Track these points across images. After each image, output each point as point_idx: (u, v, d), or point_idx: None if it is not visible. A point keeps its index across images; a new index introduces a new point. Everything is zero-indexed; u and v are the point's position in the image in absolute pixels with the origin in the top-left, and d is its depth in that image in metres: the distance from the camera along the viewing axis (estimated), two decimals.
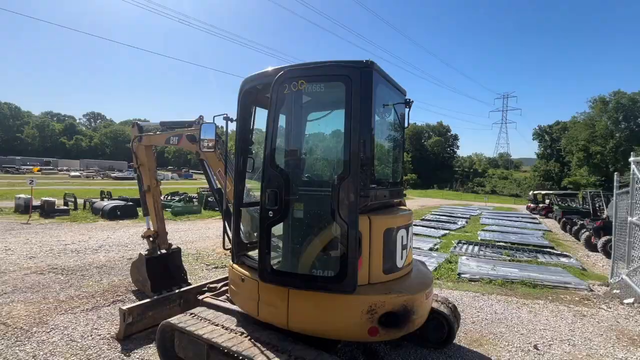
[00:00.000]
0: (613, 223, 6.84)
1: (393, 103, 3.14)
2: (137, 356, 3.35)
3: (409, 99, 3.31)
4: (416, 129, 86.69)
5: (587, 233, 11.72)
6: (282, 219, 2.63)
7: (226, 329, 2.98)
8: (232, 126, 3.35)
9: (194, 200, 17.54)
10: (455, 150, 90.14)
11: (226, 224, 3.50)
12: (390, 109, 3.24)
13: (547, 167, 69.29)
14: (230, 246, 3.33)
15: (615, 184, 6.82)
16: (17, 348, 3.39)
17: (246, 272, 3.00)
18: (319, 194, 2.68)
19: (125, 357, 3.32)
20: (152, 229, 5.20)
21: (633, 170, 5.69)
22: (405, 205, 3.58)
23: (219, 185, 4.22)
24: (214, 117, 3.34)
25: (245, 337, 2.83)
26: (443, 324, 3.63)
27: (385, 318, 2.55)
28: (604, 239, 10.16)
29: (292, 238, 2.73)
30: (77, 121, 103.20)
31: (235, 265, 3.21)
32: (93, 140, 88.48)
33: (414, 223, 13.77)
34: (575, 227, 13.48)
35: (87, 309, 4.42)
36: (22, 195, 13.48)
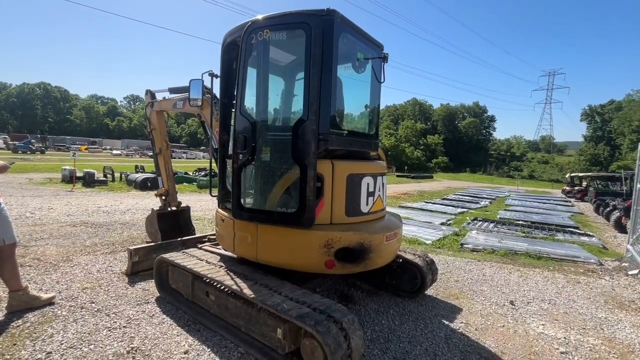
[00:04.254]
0: (633, 195, 6.42)
1: (365, 55, 3.20)
2: (140, 287, 3.85)
3: (385, 53, 3.35)
4: (449, 109, 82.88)
5: (617, 214, 10.99)
6: (251, 161, 2.88)
7: (209, 263, 3.36)
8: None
9: None
10: (492, 132, 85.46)
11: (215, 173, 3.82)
12: (365, 63, 3.31)
13: (595, 151, 63.87)
14: (216, 193, 3.66)
15: (638, 154, 6.35)
16: (45, 276, 4.02)
17: (226, 214, 3.32)
18: (283, 138, 2.88)
19: (129, 287, 3.84)
20: (163, 187, 5.71)
21: None
22: (383, 159, 3.69)
23: (216, 146, 4.54)
24: (202, 74, 3.59)
25: (223, 269, 3.19)
26: (417, 274, 3.78)
27: (341, 253, 2.76)
28: None
29: (260, 178, 2.99)
30: (119, 103, 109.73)
31: (219, 209, 3.55)
32: (132, 121, 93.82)
33: (432, 201, 13.52)
34: (608, 209, 12.64)
35: (106, 252, 5.04)
36: (68, 167, 14.93)
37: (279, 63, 3.45)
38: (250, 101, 2.92)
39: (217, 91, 3.66)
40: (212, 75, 3.49)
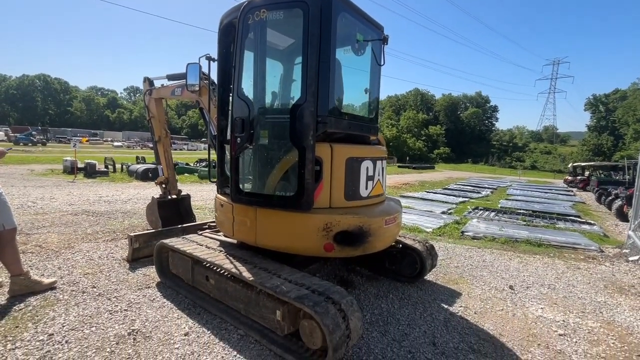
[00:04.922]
0: (636, 182, 6.38)
1: (364, 37, 3.14)
2: (140, 272, 3.88)
3: (385, 35, 3.28)
4: (451, 99, 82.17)
5: (619, 202, 10.93)
6: (249, 145, 2.85)
7: (208, 248, 3.36)
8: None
9: None
10: (494, 122, 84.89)
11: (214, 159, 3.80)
12: (365, 45, 3.25)
13: (599, 141, 63.36)
14: (215, 179, 3.64)
15: None
16: (47, 262, 4.05)
17: (225, 199, 3.31)
18: (281, 121, 2.84)
19: (130, 272, 3.87)
20: (163, 176, 5.70)
21: None
22: (383, 144, 3.66)
23: (215, 132, 4.50)
24: (199, 58, 3.53)
25: (223, 253, 3.20)
26: (416, 259, 3.78)
27: (340, 236, 2.76)
28: None
29: (258, 162, 2.97)
30: (119, 95, 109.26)
31: (218, 195, 3.54)
32: (133, 113, 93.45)
33: (433, 191, 13.48)
34: (610, 198, 12.58)
35: (107, 240, 5.07)
36: (69, 158, 14.95)
37: (277, 45, 3.39)
38: (247, 84, 2.88)
39: (214, 76, 3.61)
40: (209, 59, 3.42)
